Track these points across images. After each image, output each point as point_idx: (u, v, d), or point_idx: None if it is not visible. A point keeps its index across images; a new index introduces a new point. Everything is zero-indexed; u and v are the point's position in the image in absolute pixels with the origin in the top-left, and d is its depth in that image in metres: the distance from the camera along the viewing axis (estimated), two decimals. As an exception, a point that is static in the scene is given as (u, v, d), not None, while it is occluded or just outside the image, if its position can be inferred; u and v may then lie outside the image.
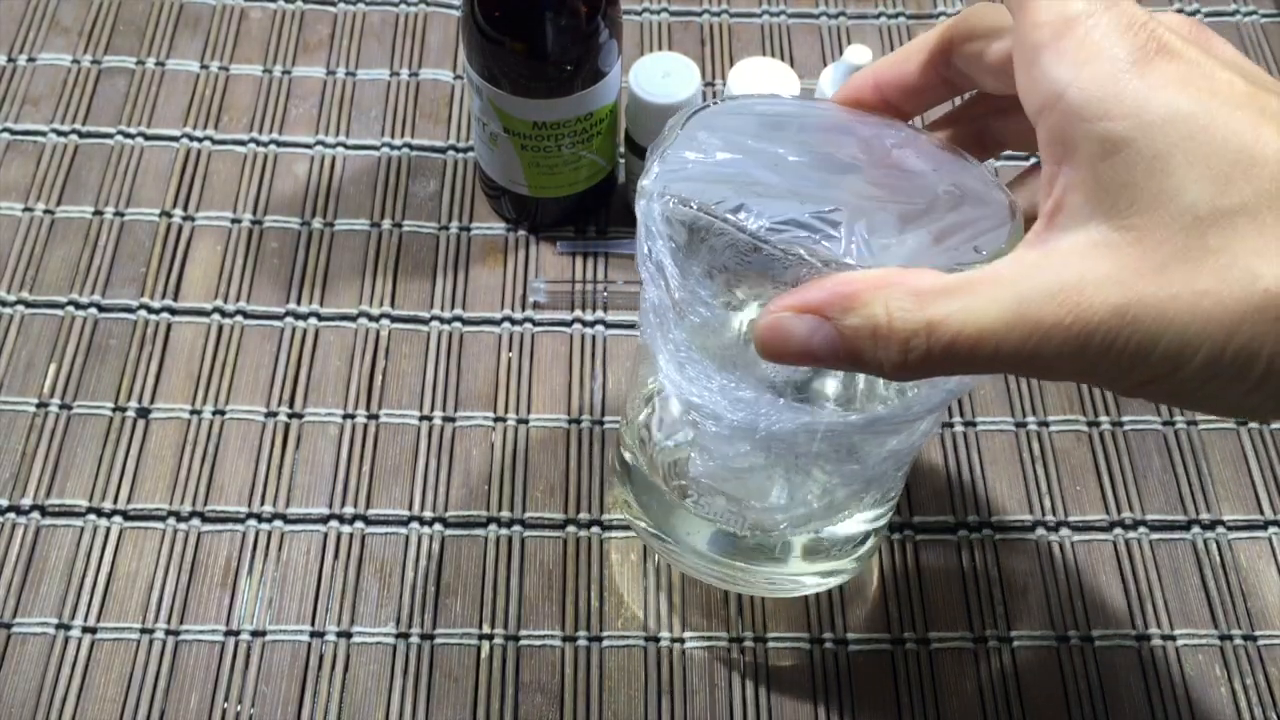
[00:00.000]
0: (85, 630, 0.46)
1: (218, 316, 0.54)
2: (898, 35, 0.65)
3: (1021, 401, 0.53)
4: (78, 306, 0.54)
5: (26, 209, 0.57)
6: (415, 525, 0.49)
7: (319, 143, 0.60)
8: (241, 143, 0.59)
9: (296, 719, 0.45)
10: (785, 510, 0.41)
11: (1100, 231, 0.27)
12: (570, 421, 0.52)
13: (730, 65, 0.63)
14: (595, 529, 0.49)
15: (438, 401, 0.52)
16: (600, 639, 0.47)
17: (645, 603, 0.48)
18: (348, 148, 0.60)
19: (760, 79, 0.54)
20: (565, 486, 0.50)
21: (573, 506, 0.50)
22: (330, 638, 0.47)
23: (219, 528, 0.49)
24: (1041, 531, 0.50)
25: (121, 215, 0.57)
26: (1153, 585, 0.49)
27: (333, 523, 0.49)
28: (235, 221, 0.57)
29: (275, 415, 0.52)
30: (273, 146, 0.59)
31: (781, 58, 0.64)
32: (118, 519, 0.49)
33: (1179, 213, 0.25)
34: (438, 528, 0.49)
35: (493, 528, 0.49)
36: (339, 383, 0.52)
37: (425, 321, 0.54)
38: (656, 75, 0.53)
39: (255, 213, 0.57)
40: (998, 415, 0.53)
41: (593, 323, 0.55)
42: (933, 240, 0.32)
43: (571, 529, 0.49)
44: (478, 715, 0.45)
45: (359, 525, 0.49)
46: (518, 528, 0.49)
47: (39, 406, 0.51)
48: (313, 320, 0.54)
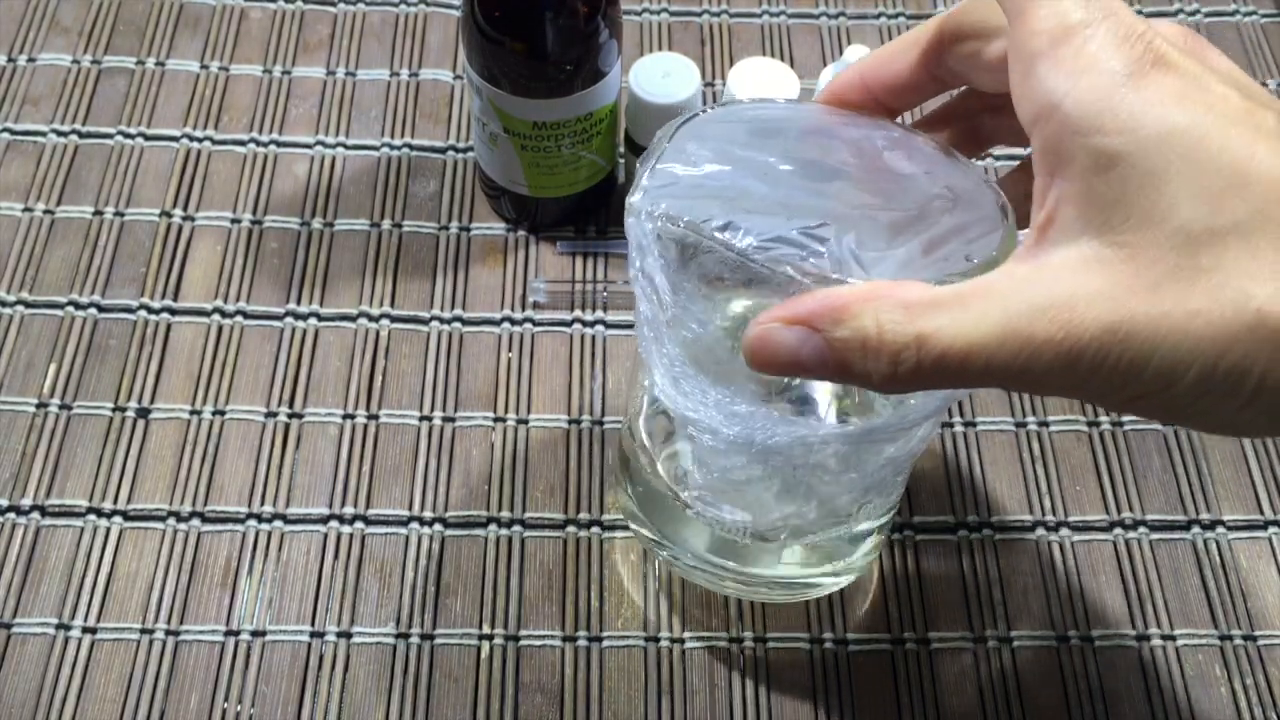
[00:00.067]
0: (85, 630, 0.46)
1: (218, 316, 0.54)
2: (897, 35, 0.65)
3: (1021, 401, 0.53)
4: (78, 306, 0.54)
5: (26, 209, 0.57)
6: (415, 525, 0.49)
7: (319, 143, 0.60)
8: (241, 143, 0.59)
9: (296, 719, 0.45)
10: (785, 519, 0.41)
11: (1092, 247, 0.26)
12: (570, 421, 0.52)
13: (730, 65, 0.63)
14: (595, 529, 0.49)
15: (438, 401, 0.52)
16: (600, 639, 0.47)
17: (645, 603, 0.48)
18: (348, 148, 0.60)
19: (760, 79, 0.54)
20: (565, 486, 0.50)
21: (573, 506, 0.50)
22: (330, 638, 0.47)
23: (219, 528, 0.49)
24: (1041, 531, 0.50)
25: (121, 215, 0.57)
26: (1153, 585, 0.49)
27: (333, 523, 0.49)
28: (235, 221, 0.57)
29: (275, 415, 0.52)
30: (273, 146, 0.59)
31: (781, 58, 0.64)
32: (118, 519, 0.49)
33: (1172, 231, 0.25)
34: (438, 528, 0.49)
35: (493, 528, 0.49)
36: (339, 383, 0.52)
37: (425, 321, 0.54)
38: (656, 75, 0.53)
39: (255, 213, 0.57)
40: (998, 415, 0.53)
41: (593, 323, 0.55)
42: (923, 250, 0.32)
43: (571, 529, 0.49)
44: (478, 715, 0.45)
45: (359, 525, 0.49)
46: (518, 528, 0.49)
47: (39, 406, 0.51)
48: (313, 320, 0.54)
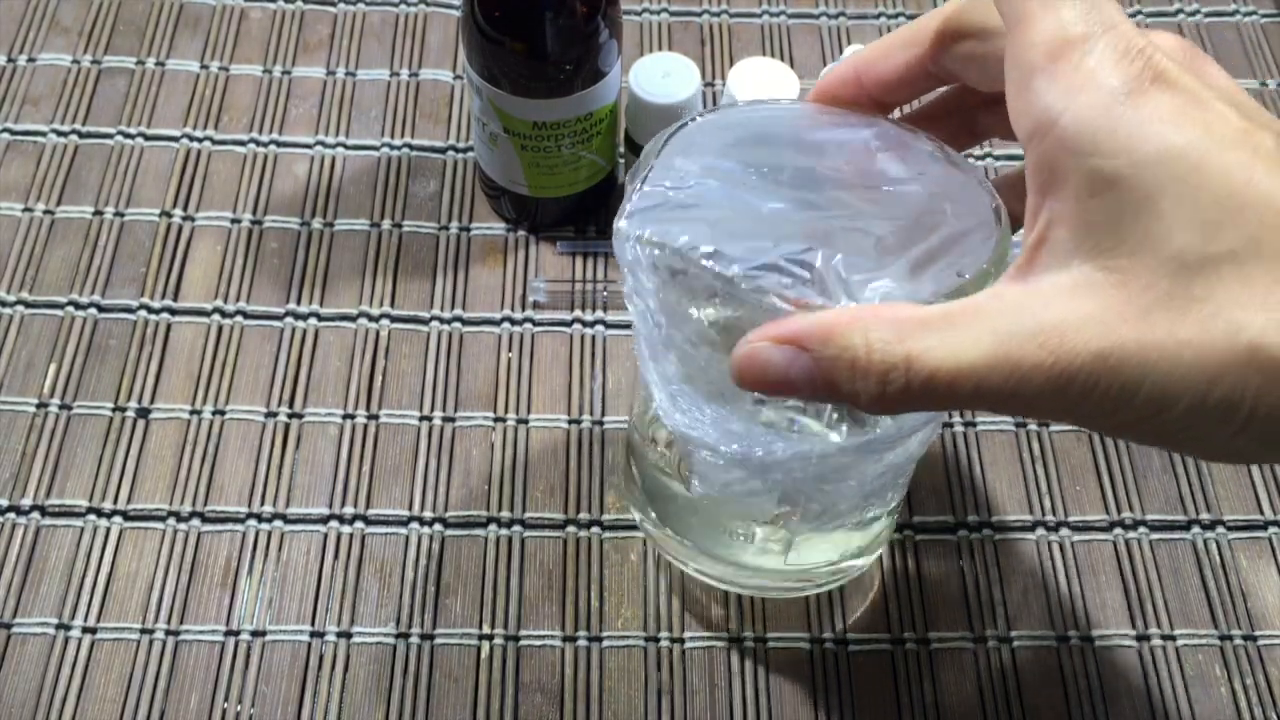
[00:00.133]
0: (85, 630, 0.46)
1: (218, 316, 0.54)
2: (898, 35, 0.65)
3: (1021, 401, 0.53)
4: (78, 306, 0.54)
5: (26, 209, 0.57)
6: (415, 525, 0.49)
7: (319, 143, 0.60)
8: (241, 143, 0.59)
9: (296, 719, 0.45)
10: (787, 526, 0.41)
11: (1084, 270, 0.26)
12: (570, 421, 0.52)
13: (730, 65, 0.63)
14: (595, 529, 0.49)
15: (438, 401, 0.52)
16: (600, 639, 0.47)
17: (645, 603, 0.48)
18: (348, 148, 0.60)
19: (760, 79, 0.54)
20: (565, 486, 0.50)
21: (573, 506, 0.50)
22: (330, 638, 0.47)
23: (219, 528, 0.49)
24: (1041, 531, 0.50)
25: (121, 215, 0.57)
26: (1153, 585, 0.49)
27: (333, 523, 0.49)
28: (235, 221, 0.57)
29: (275, 415, 0.52)
30: (273, 146, 0.59)
31: (781, 58, 0.64)
32: (118, 519, 0.49)
33: (1166, 258, 0.25)
34: (438, 528, 0.49)
35: (493, 528, 0.49)
36: (339, 383, 0.52)
37: (425, 321, 0.54)
38: (656, 75, 0.53)
39: (255, 213, 0.57)
40: (997, 415, 0.53)
41: (593, 323, 0.55)
42: (913, 268, 0.32)
43: (571, 529, 0.49)
44: (478, 715, 0.45)
45: (359, 525, 0.49)
46: (518, 528, 0.49)
47: (39, 406, 0.51)
48: (313, 320, 0.54)
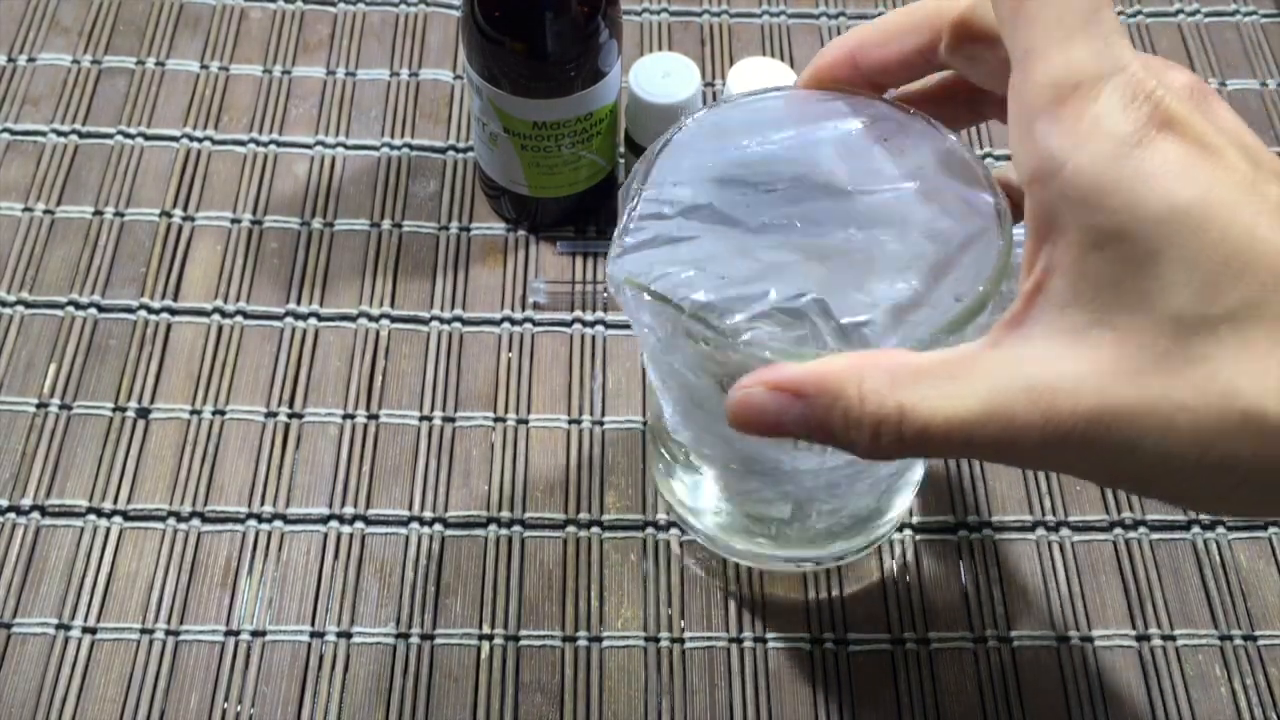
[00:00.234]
0: (85, 630, 0.46)
1: (218, 316, 0.54)
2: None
3: (1021, 401, 0.53)
4: (78, 306, 0.54)
5: (26, 209, 0.57)
6: (415, 525, 0.49)
7: (319, 143, 0.60)
8: (241, 143, 0.59)
9: (296, 719, 0.45)
10: (808, 520, 0.42)
11: (1080, 323, 0.26)
12: (570, 421, 0.52)
13: (730, 65, 0.63)
14: (595, 529, 0.49)
15: (438, 401, 0.52)
16: (600, 639, 0.47)
17: (645, 603, 0.48)
18: (348, 148, 0.60)
19: (760, 79, 0.54)
20: (565, 486, 0.50)
21: (573, 506, 0.50)
22: (330, 638, 0.47)
23: (219, 528, 0.49)
24: (1041, 531, 0.50)
25: (121, 215, 0.57)
26: (1153, 585, 0.49)
27: (333, 523, 0.49)
28: (235, 221, 0.57)
29: (275, 415, 0.52)
30: (273, 146, 0.59)
31: (781, 58, 0.64)
32: (118, 519, 0.49)
33: (1164, 317, 0.25)
34: (438, 528, 0.49)
35: (493, 528, 0.49)
36: (339, 383, 0.52)
37: (425, 321, 0.54)
38: (656, 75, 0.53)
39: (255, 213, 0.57)
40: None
41: (593, 323, 0.55)
42: (910, 295, 0.31)
43: (571, 529, 0.49)
44: (478, 715, 0.45)
45: (359, 525, 0.49)
46: (518, 528, 0.49)
47: (39, 406, 0.51)
48: (313, 320, 0.54)
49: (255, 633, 0.47)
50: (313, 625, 0.47)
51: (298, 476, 0.50)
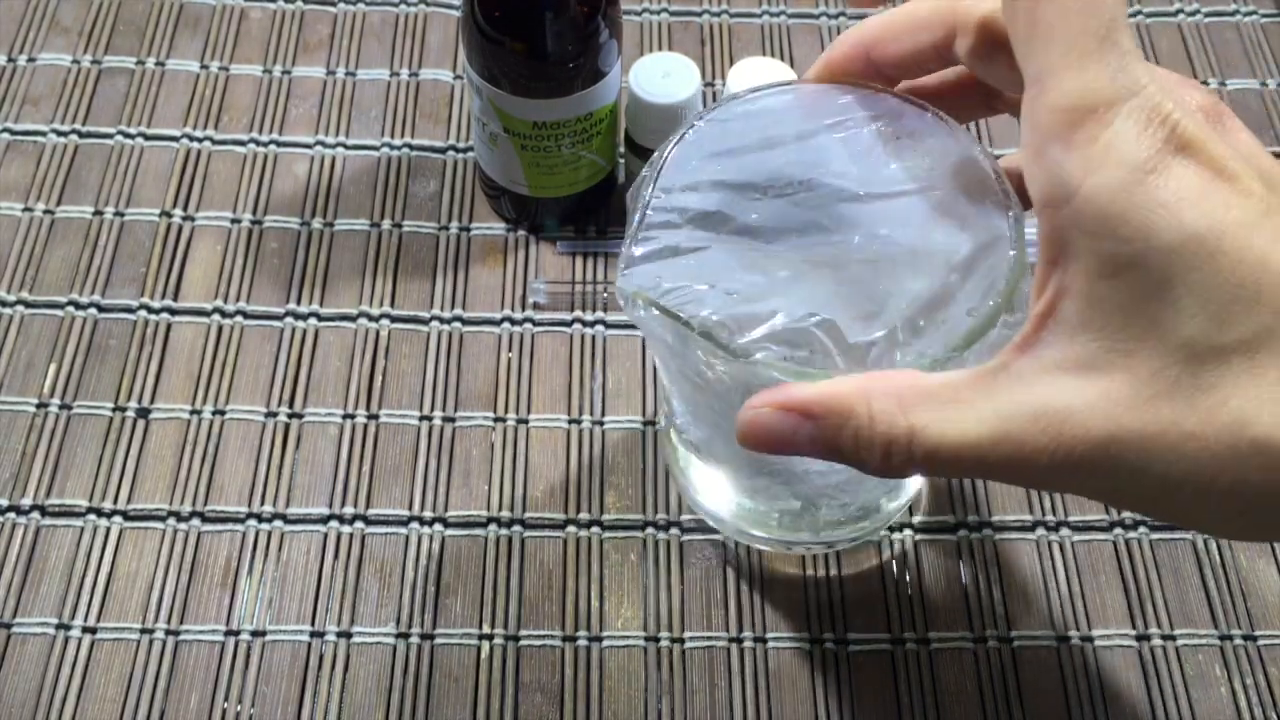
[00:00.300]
0: (85, 630, 0.46)
1: (218, 316, 0.54)
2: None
3: (1021, 401, 0.53)
4: (78, 306, 0.54)
5: (26, 209, 0.57)
6: (415, 525, 0.49)
7: (319, 143, 0.60)
8: (241, 143, 0.59)
9: (296, 719, 0.45)
10: (818, 511, 0.42)
11: (1090, 349, 0.26)
12: (570, 421, 0.52)
13: (730, 65, 0.63)
14: (595, 529, 0.49)
15: (438, 401, 0.52)
16: (600, 639, 0.47)
17: (645, 603, 0.48)
18: (348, 148, 0.60)
19: (760, 79, 0.54)
20: (565, 486, 0.50)
21: (573, 506, 0.50)
22: (330, 638, 0.47)
23: (219, 528, 0.49)
24: (1041, 531, 0.50)
25: (121, 215, 0.57)
26: (1153, 585, 0.49)
27: (333, 523, 0.49)
28: (235, 221, 0.57)
29: (275, 415, 0.52)
30: (273, 146, 0.59)
31: (781, 58, 0.64)
32: (118, 519, 0.49)
33: (1175, 345, 0.25)
34: (438, 528, 0.49)
35: (493, 528, 0.49)
36: (339, 383, 0.52)
37: (425, 321, 0.54)
38: (656, 75, 0.53)
39: (255, 213, 0.57)
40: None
41: (593, 323, 0.55)
42: (921, 312, 0.31)
43: (571, 529, 0.49)
44: (478, 715, 0.45)
45: (359, 525, 0.49)
46: (518, 528, 0.49)
47: (39, 406, 0.51)
48: (313, 320, 0.54)
49: (255, 633, 0.47)
50: (313, 625, 0.47)
51: (298, 476, 0.50)
